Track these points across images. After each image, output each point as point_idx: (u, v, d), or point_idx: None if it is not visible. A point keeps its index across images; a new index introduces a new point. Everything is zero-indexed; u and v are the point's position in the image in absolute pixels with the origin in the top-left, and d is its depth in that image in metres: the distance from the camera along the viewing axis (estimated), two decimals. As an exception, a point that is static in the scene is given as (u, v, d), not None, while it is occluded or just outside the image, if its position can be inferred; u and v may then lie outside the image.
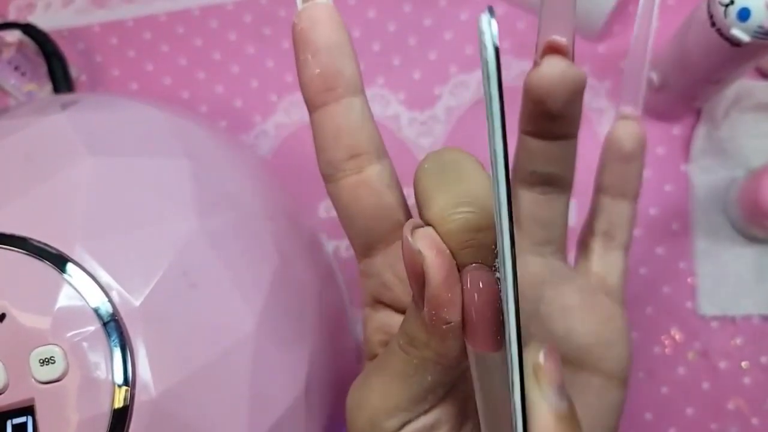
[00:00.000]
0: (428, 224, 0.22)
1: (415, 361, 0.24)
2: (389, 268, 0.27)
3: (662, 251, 0.48)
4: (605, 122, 0.50)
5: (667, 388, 0.47)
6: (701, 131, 0.48)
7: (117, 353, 0.31)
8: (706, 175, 0.48)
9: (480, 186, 0.22)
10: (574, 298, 0.31)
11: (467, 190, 0.22)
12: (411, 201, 0.26)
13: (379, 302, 0.29)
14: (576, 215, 0.49)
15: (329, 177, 0.27)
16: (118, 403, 0.30)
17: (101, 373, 0.30)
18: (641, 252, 0.48)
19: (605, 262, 0.33)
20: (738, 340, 0.47)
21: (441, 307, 0.21)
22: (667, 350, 0.47)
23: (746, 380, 0.47)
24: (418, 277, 0.22)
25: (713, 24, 0.36)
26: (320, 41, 0.25)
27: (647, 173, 0.49)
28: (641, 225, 0.49)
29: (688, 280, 0.48)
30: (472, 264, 0.22)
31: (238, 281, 0.35)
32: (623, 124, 0.32)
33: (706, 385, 0.47)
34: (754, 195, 0.43)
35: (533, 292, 0.30)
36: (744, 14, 0.34)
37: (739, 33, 0.34)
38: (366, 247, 0.28)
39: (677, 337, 0.47)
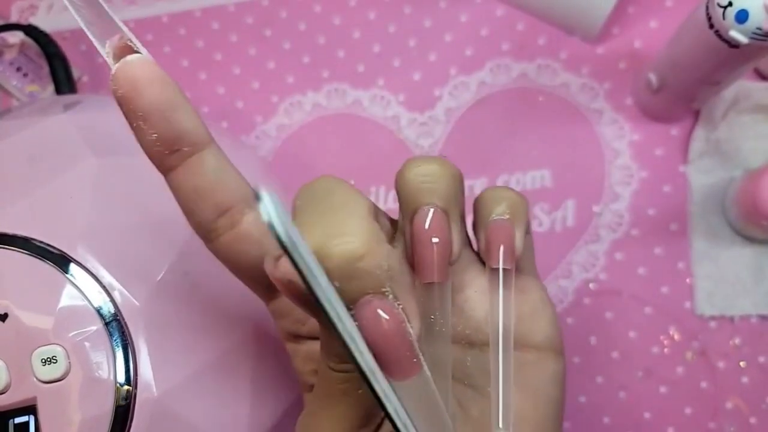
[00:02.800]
0: None
1: (354, 374, 0.23)
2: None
3: (661, 251, 0.48)
4: (604, 123, 0.50)
5: (666, 387, 0.47)
6: (699, 132, 0.48)
7: (119, 353, 0.31)
8: (704, 176, 0.48)
9: (353, 211, 0.22)
10: (486, 281, 0.30)
11: (341, 220, 0.22)
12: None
13: (298, 336, 0.28)
14: (575, 215, 0.49)
15: (205, 238, 0.26)
16: (120, 403, 0.30)
17: (103, 372, 0.30)
18: (640, 252, 0.49)
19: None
20: (736, 340, 0.47)
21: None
22: (665, 350, 0.48)
23: (744, 380, 0.47)
24: (306, 303, 0.21)
25: (711, 25, 0.36)
26: (146, 104, 0.23)
27: (646, 174, 0.49)
28: (640, 225, 0.49)
29: (687, 280, 0.48)
30: (363, 297, 0.21)
31: (238, 281, 0.35)
32: None
33: (704, 385, 0.47)
34: (752, 196, 0.43)
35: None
36: (742, 16, 0.34)
37: (737, 35, 0.34)
38: (267, 291, 0.27)
39: (676, 336, 0.48)
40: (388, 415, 0.20)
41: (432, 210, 0.26)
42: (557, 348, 0.30)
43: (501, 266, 0.27)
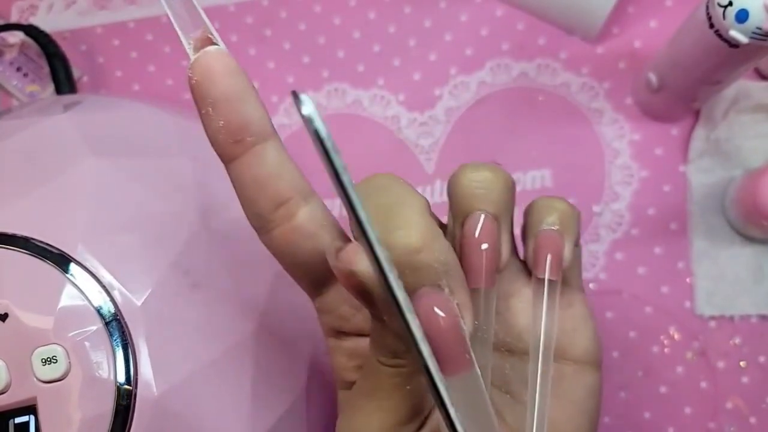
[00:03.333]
0: None
1: (405, 369, 0.24)
2: (343, 301, 0.27)
3: (661, 251, 0.48)
4: (604, 122, 0.50)
5: (666, 387, 0.47)
6: (700, 132, 0.48)
7: (119, 352, 0.31)
8: (704, 175, 0.48)
9: (411, 206, 0.23)
10: (530, 291, 0.31)
11: (398, 213, 0.22)
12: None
13: (342, 332, 0.28)
14: (575, 215, 0.49)
15: (261, 229, 0.26)
16: (120, 402, 0.30)
17: (103, 372, 0.30)
18: (640, 252, 0.49)
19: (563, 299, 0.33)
20: (736, 340, 0.47)
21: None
22: (665, 350, 0.48)
23: (744, 379, 0.47)
24: (365, 294, 0.22)
25: (712, 25, 0.36)
26: (218, 93, 0.24)
27: (646, 174, 0.49)
28: (640, 225, 0.49)
29: (687, 280, 0.48)
30: (421, 288, 0.22)
31: (239, 281, 0.35)
32: None
33: (704, 385, 0.47)
34: (752, 195, 0.43)
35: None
36: (742, 15, 0.34)
37: (737, 34, 0.34)
38: (315, 286, 0.27)
39: (676, 336, 0.48)
40: (444, 408, 0.21)
41: (483, 216, 0.27)
42: (596, 362, 0.31)
43: (547, 277, 0.28)
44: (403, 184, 0.24)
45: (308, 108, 0.17)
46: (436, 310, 0.21)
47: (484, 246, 0.27)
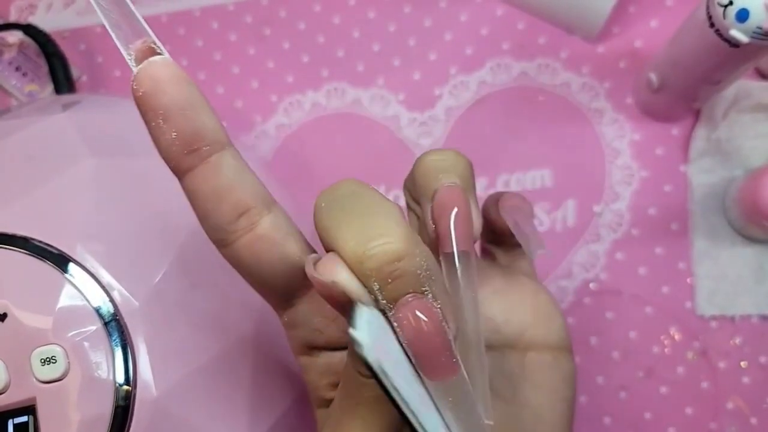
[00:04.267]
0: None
1: None
2: (316, 312, 0.27)
3: (661, 251, 0.48)
4: (605, 122, 0.50)
5: (667, 387, 0.47)
6: (700, 132, 0.48)
7: (118, 353, 0.31)
8: (705, 175, 0.48)
9: (386, 213, 0.22)
10: (500, 281, 0.31)
11: (375, 221, 0.22)
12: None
13: (314, 347, 0.27)
14: (576, 215, 0.49)
15: (221, 242, 0.25)
16: (119, 403, 0.30)
17: (102, 372, 0.30)
18: (640, 252, 0.48)
19: (511, 257, 0.34)
20: (737, 340, 0.47)
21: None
22: (666, 350, 0.47)
23: (745, 380, 0.47)
24: (345, 305, 0.21)
25: (712, 25, 0.36)
26: (169, 102, 0.23)
27: (646, 173, 0.49)
28: (640, 225, 0.49)
29: (688, 280, 0.48)
30: (405, 296, 0.21)
31: (238, 281, 0.35)
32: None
33: (705, 385, 0.47)
34: (753, 195, 0.43)
35: None
36: (743, 15, 0.34)
37: (737, 34, 0.34)
38: (284, 299, 0.27)
39: (676, 336, 0.48)
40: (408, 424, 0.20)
41: (452, 184, 0.27)
42: (569, 347, 0.31)
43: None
44: (372, 191, 0.24)
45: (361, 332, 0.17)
46: (419, 314, 0.21)
47: (455, 211, 0.26)
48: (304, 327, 0.27)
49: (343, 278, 0.21)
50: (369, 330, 0.19)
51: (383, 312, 0.21)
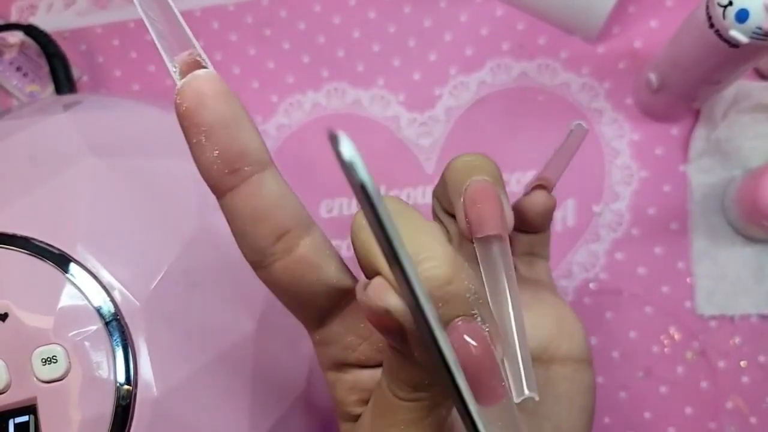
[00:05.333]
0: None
1: (426, 402, 0.23)
2: (350, 330, 0.26)
3: (661, 251, 0.48)
4: (604, 122, 0.50)
5: (666, 387, 0.47)
6: (700, 132, 0.48)
7: (119, 352, 0.31)
8: (704, 175, 0.48)
9: (430, 234, 0.21)
10: (526, 294, 0.31)
11: (420, 244, 0.21)
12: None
13: (345, 365, 0.27)
14: (575, 215, 0.49)
15: (259, 264, 0.24)
16: (120, 402, 0.30)
17: (103, 372, 0.30)
18: (640, 252, 0.49)
19: (534, 270, 0.34)
20: (736, 340, 0.47)
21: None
22: (666, 350, 0.48)
23: (745, 379, 0.47)
24: (396, 332, 0.21)
25: (712, 25, 0.36)
26: (212, 119, 0.22)
27: (646, 173, 0.49)
28: (640, 225, 0.49)
29: (687, 279, 0.48)
30: (455, 319, 0.21)
31: (238, 281, 0.35)
32: (537, 195, 0.32)
33: (704, 384, 0.47)
34: (752, 195, 0.43)
35: None
36: (742, 15, 0.34)
37: (737, 34, 0.34)
38: (318, 319, 0.26)
39: (676, 336, 0.48)
40: None
41: (484, 179, 0.27)
42: (590, 359, 0.31)
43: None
44: (413, 210, 0.23)
45: (348, 152, 0.16)
46: (468, 339, 0.20)
47: (491, 197, 0.27)
48: (336, 345, 0.27)
49: (396, 305, 0.20)
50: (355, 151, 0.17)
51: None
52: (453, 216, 0.30)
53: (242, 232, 0.24)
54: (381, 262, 0.21)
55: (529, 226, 0.32)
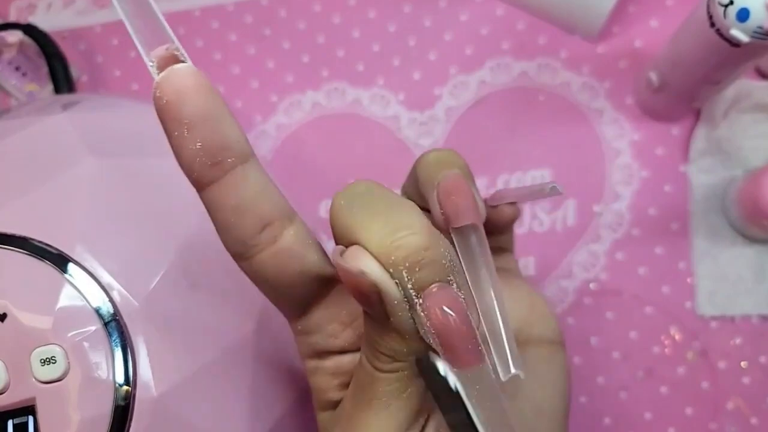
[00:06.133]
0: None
1: (405, 373, 0.24)
2: (332, 318, 0.27)
3: (661, 251, 0.48)
4: (604, 122, 0.50)
5: (667, 387, 0.47)
6: (700, 132, 0.48)
7: (118, 353, 0.31)
8: (705, 175, 0.48)
9: (407, 208, 0.22)
10: (501, 279, 0.31)
11: (398, 215, 0.22)
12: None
13: (327, 352, 0.28)
14: (576, 215, 0.49)
15: (242, 255, 0.25)
16: (119, 403, 0.30)
17: (102, 372, 0.30)
18: (641, 252, 0.49)
19: (502, 261, 0.35)
20: (737, 340, 0.47)
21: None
22: (666, 350, 0.48)
23: (745, 380, 0.47)
24: (372, 295, 0.21)
25: (712, 24, 0.36)
26: (194, 112, 0.22)
27: (647, 173, 0.49)
28: (640, 225, 0.49)
29: (688, 280, 0.48)
30: (431, 285, 0.21)
31: (238, 281, 0.35)
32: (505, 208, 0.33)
33: (705, 385, 0.47)
34: (753, 195, 0.43)
35: None
36: (743, 14, 0.34)
37: (738, 33, 0.35)
38: (300, 308, 0.27)
39: (677, 337, 0.48)
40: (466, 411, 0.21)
41: (455, 172, 0.28)
42: (563, 342, 0.32)
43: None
44: (388, 190, 0.24)
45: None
46: (446, 309, 0.21)
47: (463, 188, 0.28)
48: (319, 333, 0.27)
49: (372, 267, 0.21)
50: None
51: (408, 302, 0.22)
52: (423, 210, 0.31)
53: (226, 224, 0.24)
54: (358, 235, 0.22)
55: (496, 229, 0.33)
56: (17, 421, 0.30)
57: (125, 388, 0.30)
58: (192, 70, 0.23)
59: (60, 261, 0.31)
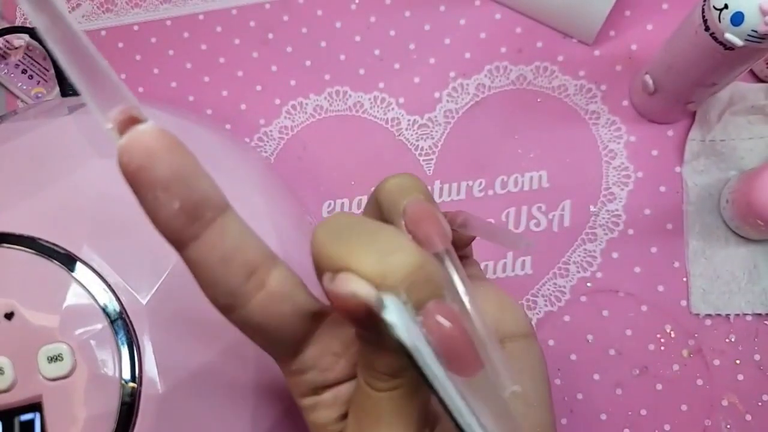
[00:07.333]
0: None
1: (406, 388, 0.24)
2: (325, 351, 0.26)
3: (657, 251, 0.49)
4: (601, 124, 0.50)
5: (662, 385, 0.48)
6: (695, 133, 0.48)
7: (124, 350, 0.31)
8: (699, 176, 0.48)
9: (392, 233, 0.22)
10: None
11: (386, 239, 0.22)
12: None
13: (324, 386, 0.27)
14: (572, 215, 0.50)
15: (232, 307, 0.24)
16: (125, 400, 0.30)
17: (108, 370, 0.30)
18: (636, 252, 0.49)
19: (467, 267, 0.36)
20: (731, 338, 0.47)
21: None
22: (661, 348, 0.48)
23: (740, 377, 0.47)
24: (364, 316, 0.21)
25: (707, 28, 0.36)
26: (169, 173, 0.21)
27: (642, 174, 0.49)
28: (636, 225, 0.49)
29: (683, 279, 0.48)
30: (429, 301, 0.21)
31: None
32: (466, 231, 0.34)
33: (700, 382, 0.47)
34: (747, 196, 0.44)
35: None
36: (737, 18, 0.34)
37: (732, 37, 0.35)
38: (293, 348, 0.26)
39: (672, 334, 0.48)
40: (450, 415, 0.21)
41: (418, 198, 0.28)
42: (534, 333, 0.32)
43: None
44: (367, 218, 0.24)
45: (392, 315, 0.18)
46: (441, 319, 0.21)
47: (428, 216, 0.28)
48: (314, 370, 0.26)
49: (363, 288, 0.21)
50: (399, 315, 0.20)
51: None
52: None
53: (212, 279, 0.23)
54: (348, 262, 0.21)
55: (456, 245, 0.33)
56: (24, 418, 0.30)
57: (131, 385, 0.31)
58: (159, 129, 0.21)
59: (67, 260, 0.31)
